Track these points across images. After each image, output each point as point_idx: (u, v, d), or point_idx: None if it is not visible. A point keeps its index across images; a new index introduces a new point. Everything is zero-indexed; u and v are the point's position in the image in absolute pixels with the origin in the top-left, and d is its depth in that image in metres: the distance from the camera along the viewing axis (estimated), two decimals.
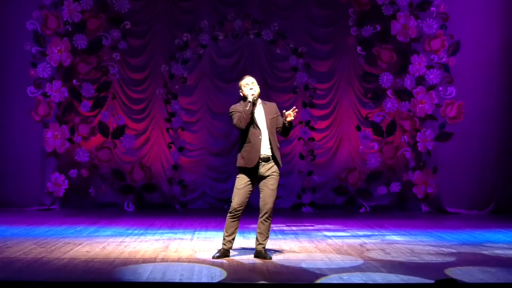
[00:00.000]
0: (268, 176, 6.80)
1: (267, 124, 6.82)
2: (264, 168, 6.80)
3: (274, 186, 6.81)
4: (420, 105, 12.06)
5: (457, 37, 12.09)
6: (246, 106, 6.73)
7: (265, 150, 6.79)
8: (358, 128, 12.36)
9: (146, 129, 12.34)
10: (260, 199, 6.84)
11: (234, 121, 6.77)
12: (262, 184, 6.83)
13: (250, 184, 6.81)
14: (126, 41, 12.19)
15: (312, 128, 12.39)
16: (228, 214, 6.88)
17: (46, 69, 11.97)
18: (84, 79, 12.09)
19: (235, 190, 6.84)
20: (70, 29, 12.01)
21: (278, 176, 6.86)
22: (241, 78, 7.02)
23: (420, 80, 12.14)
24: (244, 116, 6.70)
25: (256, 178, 6.82)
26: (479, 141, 12.10)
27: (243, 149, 6.82)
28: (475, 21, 12.12)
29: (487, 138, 12.10)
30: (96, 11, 12.10)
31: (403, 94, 12.18)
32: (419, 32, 12.10)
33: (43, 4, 11.95)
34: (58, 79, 12.02)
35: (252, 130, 6.78)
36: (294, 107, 6.87)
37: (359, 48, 12.28)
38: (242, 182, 6.80)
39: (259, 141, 6.75)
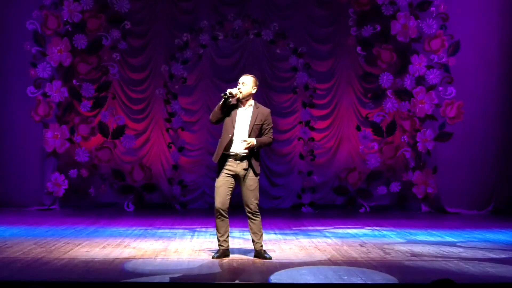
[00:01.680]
0: (245, 176, 6.79)
1: (249, 127, 6.79)
2: (239, 167, 6.79)
3: (253, 187, 6.82)
4: (420, 105, 12.06)
5: (457, 37, 12.09)
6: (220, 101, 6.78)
7: (239, 149, 6.77)
8: (358, 128, 12.36)
9: (146, 129, 12.34)
10: (243, 202, 6.87)
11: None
12: (242, 186, 6.84)
13: (228, 181, 6.79)
14: (126, 41, 12.18)
15: (312, 128, 12.38)
16: (215, 215, 6.87)
17: (46, 69, 11.96)
18: (84, 79, 12.08)
19: (215, 189, 6.86)
20: (70, 29, 12.00)
21: (257, 176, 6.83)
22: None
23: (420, 80, 12.14)
24: (216, 109, 6.77)
25: (233, 175, 6.80)
26: (479, 141, 12.10)
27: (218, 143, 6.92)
28: (475, 21, 12.12)
29: (487, 138, 12.10)
30: (96, 11, 12.10)
31: (403, 94, 12.17)
32: (419, 32, 12.10)
33: (43, 4, 11.95)
34: (58, 79, 12.01)
35: (226, 126, 6.84)
36: (246, 142, 6.72)
37: (359, 48, 12.28)
38: (219, 180, 6.81)
39: (227, 138, 6.79)
